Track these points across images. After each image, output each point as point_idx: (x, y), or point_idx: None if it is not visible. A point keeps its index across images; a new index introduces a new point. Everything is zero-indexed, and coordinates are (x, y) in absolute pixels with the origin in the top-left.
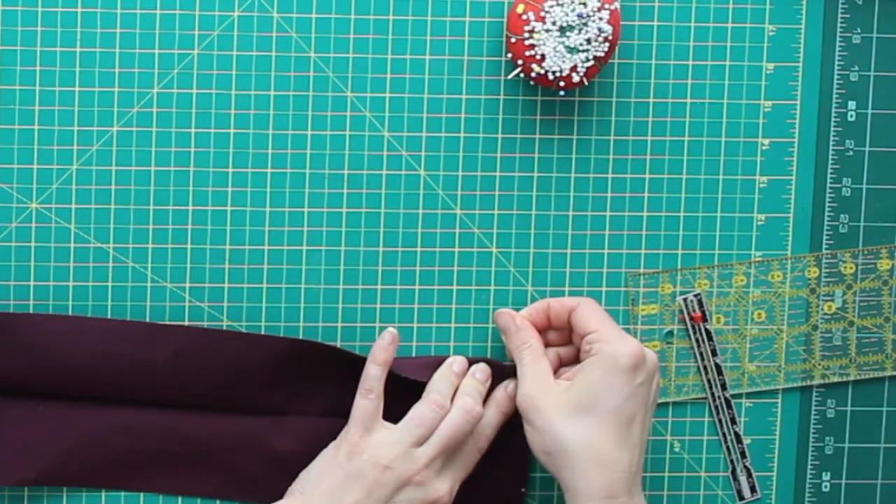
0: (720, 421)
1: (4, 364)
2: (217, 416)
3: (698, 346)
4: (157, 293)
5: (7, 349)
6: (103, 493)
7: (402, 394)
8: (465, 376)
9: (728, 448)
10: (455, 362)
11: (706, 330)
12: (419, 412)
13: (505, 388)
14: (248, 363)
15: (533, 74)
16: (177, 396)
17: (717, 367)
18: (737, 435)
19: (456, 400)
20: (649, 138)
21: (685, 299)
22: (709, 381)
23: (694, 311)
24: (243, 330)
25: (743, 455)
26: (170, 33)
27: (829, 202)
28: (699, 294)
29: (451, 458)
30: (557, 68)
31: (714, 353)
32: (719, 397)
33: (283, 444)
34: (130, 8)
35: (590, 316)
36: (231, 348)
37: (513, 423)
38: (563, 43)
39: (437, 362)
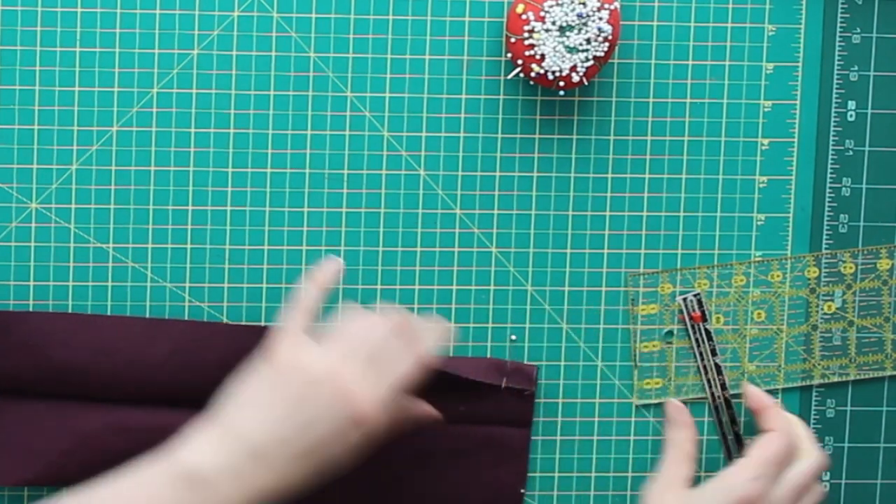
0: (720, 421)
1: (4, 364)
2: None
3: (698, 345)
4: (157, 293)
5: (6, 349)
6: None
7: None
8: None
9: (728, 448)
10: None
11: (706, 330)
12: (368, 321)
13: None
14: (249, 353)
15: (533, 74)
16: (176, 392)
17: (717, 366)
18: (737, 435)
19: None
20: (649, 138)
21: (685, 299)
22: (709, 380)
23: (693, 310)
24: None
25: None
26: (170, 33)
27: (829, 202)
28: (699, 294)
29: (380, 370)
30: (557, 68)
31: (714, 353)
32: (719, 397)
33: None
34: (130, 8)
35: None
36: (230, 340)
37: (512, 425)
38: (562, 43)
39: (495, 365)
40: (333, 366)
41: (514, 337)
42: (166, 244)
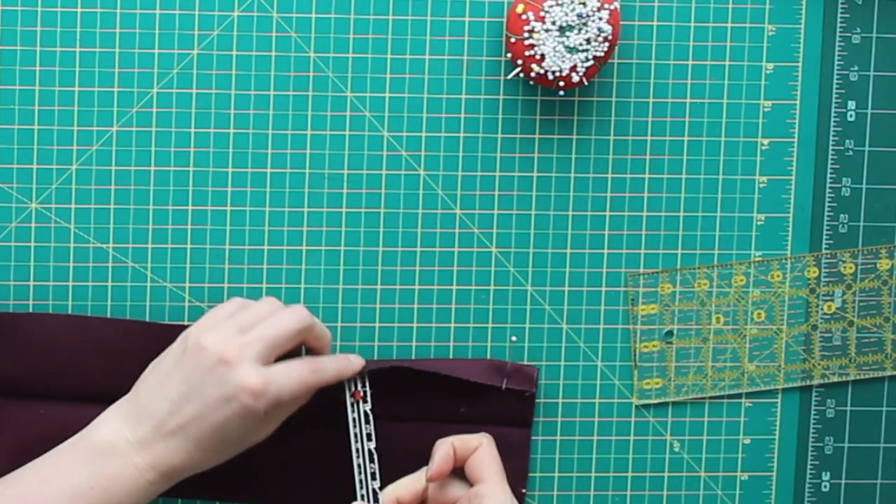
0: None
1: (5, 364)
2: None
3: (354, 425)
4: (157, 293)
5: (7, 349)
6: None
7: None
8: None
9: None
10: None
11: (366, 412)
12: (252, 303)
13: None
14: None
15: (533, 74)
16: None
17: (371, 453)
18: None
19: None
20: (649, 138)
21: (352, 381)
22: (359, 465)
23: (355, 388)
24: None
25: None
26: (170, 33)
27: (829, 202)
28: (365, 374)
29: (280, 362)
30: (557, 68)
31: (369, 438)
32: (368, 490)
33: (284, 443)
34: (130, 8)
35: (482, 463)
36: None
37: (513, 425)
38: (562, 43)
39: (496, 366)
40: (223, 343)
41: (514, 338)
42: (166, 244)
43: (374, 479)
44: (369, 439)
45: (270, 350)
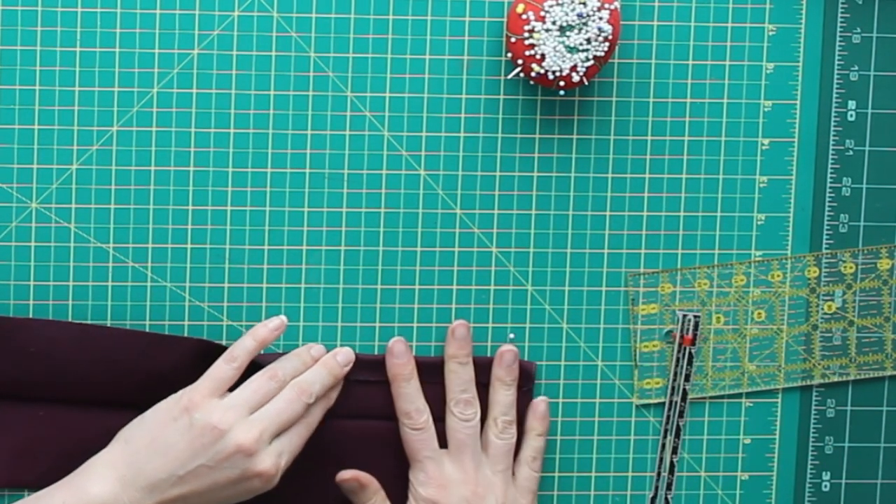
0: (662, 445)
1: (6, 368)
2: None
3: (676, 364)
4: (157, 293)
5: (8, 353)
6: None
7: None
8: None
9: (659, 474)
10: (313, 348)
11: (690, 354)
12: (257, 381)
13: (334, 355)
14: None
15: (533, 74)
16: None
17: (684, 392)
18: (672, 465)
19: (297, 378)
20: (649, 138)
21: (684, 315)
22: (671, 402)
23: (687, 332)
24: (244, 330)
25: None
26: (170, 33)
27: (829, 202)
28: (699, 316)
29: (282, 437)
30: (557, 68)
31: (687, 379)
32: (672, 423)
33: None
34: (130, 8)
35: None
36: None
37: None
38: (562, 42)
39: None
40: (242, 434)
41: (512, 335)
42: (166, 244)
43: None
44: None
45: (280, 430)
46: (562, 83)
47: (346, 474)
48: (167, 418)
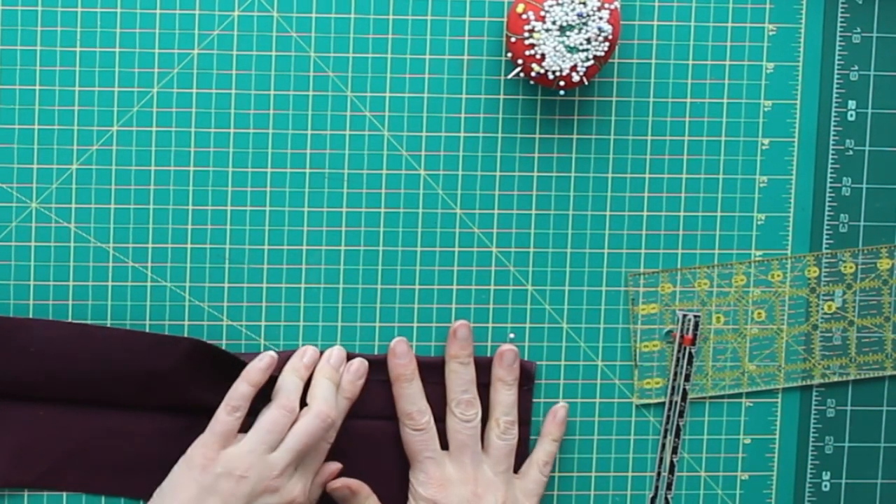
0: (662, 445)
1: (6, 368)
2: None
3: (676, 363)
4: (157, 293)
5: (9, 353)
6: (103, 499)
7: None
8: (316, 365)
9: (659, 474)
10: (305, 353)
11: (690, 354)
12: (271, 417)
13: (349, 368)
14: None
15: (533, 74)
16: (178, 404)
17: (684, 392)
18: (672, 465)
19: (311, 404)
20: (649, 138)
21: (684, 315)
22: (671, 402)
23: (687, 332)
24: (243, 330)
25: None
26: (170, 33)
27: (829, 202)
28: (699, 316)
29: (304, 459)
30: (557, 68)
31: (687, 379)
32: (673, 422)
33: None
34: (130, 8)
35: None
36: (232, 363)
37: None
38: (563, 42)
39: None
40: (263, 476)
41: (512, 335)
42: (166, 244)
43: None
44: None
45: (302, 457)
46: (562, 83)
47: (336, 483)
48: (188, 481)
